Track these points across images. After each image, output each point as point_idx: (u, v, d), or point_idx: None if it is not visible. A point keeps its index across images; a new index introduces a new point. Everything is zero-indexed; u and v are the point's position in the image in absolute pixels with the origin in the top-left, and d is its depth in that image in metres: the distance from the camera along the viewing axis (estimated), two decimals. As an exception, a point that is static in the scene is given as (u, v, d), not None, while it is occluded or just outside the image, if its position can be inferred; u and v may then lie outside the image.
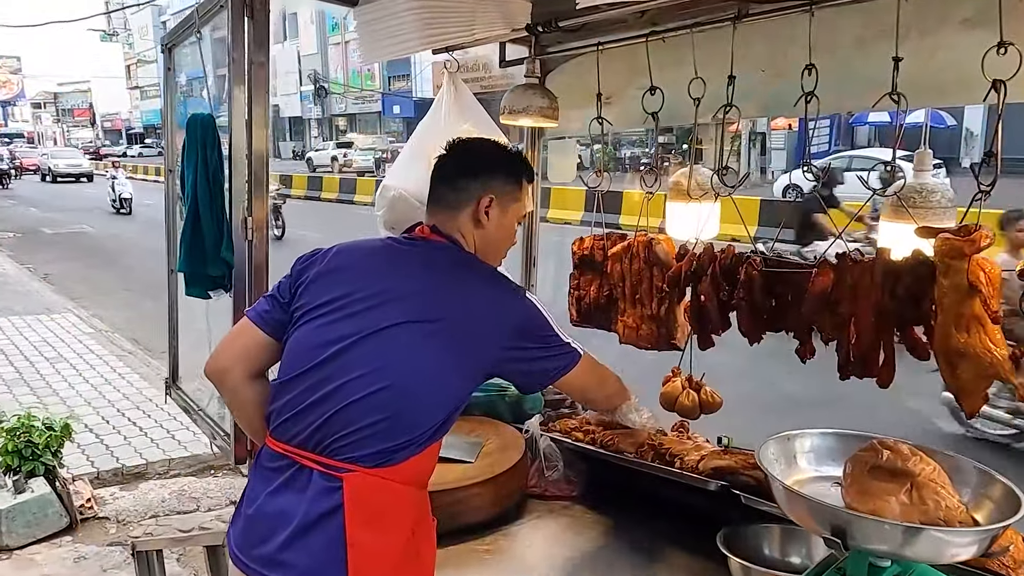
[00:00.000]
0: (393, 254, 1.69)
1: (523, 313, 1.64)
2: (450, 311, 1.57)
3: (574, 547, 1.94)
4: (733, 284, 2.04)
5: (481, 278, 1.67)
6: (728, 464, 1.85)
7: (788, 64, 2.11)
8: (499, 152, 1.83)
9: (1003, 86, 1.55)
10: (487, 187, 1.71)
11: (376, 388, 1.49)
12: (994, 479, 1.15)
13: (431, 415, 1.54)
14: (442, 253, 1.67)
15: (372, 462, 1.49)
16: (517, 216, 1.80)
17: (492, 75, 21.16)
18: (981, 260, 1.60)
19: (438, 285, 1.61)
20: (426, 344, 1.53)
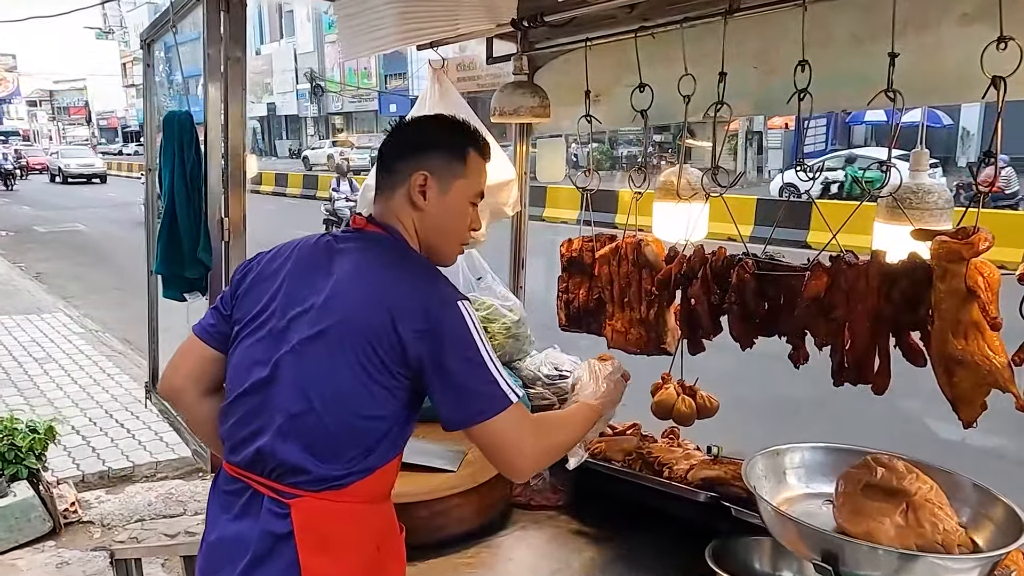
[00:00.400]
0: (322, 254, 1.51)
1: (451, 320, 1.38)
2: (360, 313, 1.38)
3: (559, 559, 1.88)
4: (724, 287, 1.98)
5: (407, 272, 1.45)
6: (718, 475, 1.79)
7: (780, 61, 2.05)
8: (437, 124, 1.64)
9: (1003, 83, 1.49)
10: (421, 164, 1.52)
11: (299, 412, 1.39)
12: (995, 499, 1.09)
13: (366, 434, 1.41)
14: (374, 247, 1.49)
15: (317, 487, 1.40)
16: (466, 195, 1.57)
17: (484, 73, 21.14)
18: (980, 264, 1.54)
19: (355, 286, 1.43)
20: (339, 356, 1.38)
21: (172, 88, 3.51)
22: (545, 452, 1.49)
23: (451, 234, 1.58)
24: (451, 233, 1.58)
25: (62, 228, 19.18)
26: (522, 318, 2.68)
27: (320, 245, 1.54)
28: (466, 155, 1.56)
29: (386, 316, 1.36)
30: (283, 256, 1.55)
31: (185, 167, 2.41)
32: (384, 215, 1.55)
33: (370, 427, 1.40)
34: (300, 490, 1.39)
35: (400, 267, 1.46)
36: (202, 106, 2.48)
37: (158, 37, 2.97)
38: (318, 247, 1.54)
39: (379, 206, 1.56)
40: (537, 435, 1.45)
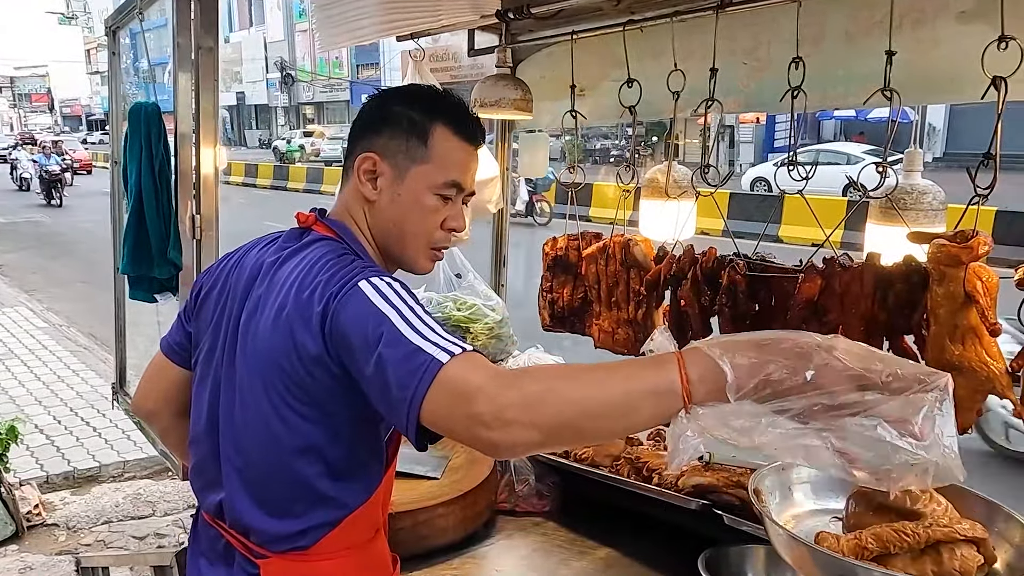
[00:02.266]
0: (261, 265, 1.26)
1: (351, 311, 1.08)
2: (268, 342, 1.15)
3: (546, 568, 1.82)
4: (715, 289, 1.93)
5: (306, 275, 1.16)
6: (710, 482, 1.74)
7: (772, 57, 2.01)
8: (398, 93, 1.31)
9: (1004, 83, 1.46)
10: (371, 144, 1.24)
11: (241, 466, 1.22)
12: (1012, 519, 1.05)
13: (314, 483, 1.19)
14: (307, 254, 1.21)
15: (281, 548, 1.22)
16: (429, 183, 1.24)
17: (462, 65, 20.94)
18: (978, 268, 1.51)
19: (269, 308, 1.17)
20: (258, 395, 1.16)
21: (138, 76, 3.38)
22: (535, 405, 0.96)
23: (409, 234, 1.27)
24: (409, 233, 1.27)
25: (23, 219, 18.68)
26: (504, 318, 2.62)
27: (262, 251, 1.30)
28: (429, 132, 1.24)
29: (289, 339, 1.12)
30: (232, 264, 1.32)
31: (153, 161, 2.31)
32: (337, 210, 1.30)
33: (312, 474, 1.19)
34: (266, 550, 1.23)
35: (307, 271, 1.16)
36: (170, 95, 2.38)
37: (124, 24, 2.84)
38: (260, 253, 1.29)
39: (337, 198, 1.32)
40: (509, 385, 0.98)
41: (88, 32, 63.93)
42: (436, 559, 1.81)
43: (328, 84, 42.48)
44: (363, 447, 1.23)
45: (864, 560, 0.99)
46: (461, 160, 1.28)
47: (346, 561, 1.26)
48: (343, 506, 1.23)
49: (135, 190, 2.32)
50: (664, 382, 0.92)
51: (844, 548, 1.00)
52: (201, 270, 2.11)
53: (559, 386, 0.98)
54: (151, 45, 2.80)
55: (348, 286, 1.09)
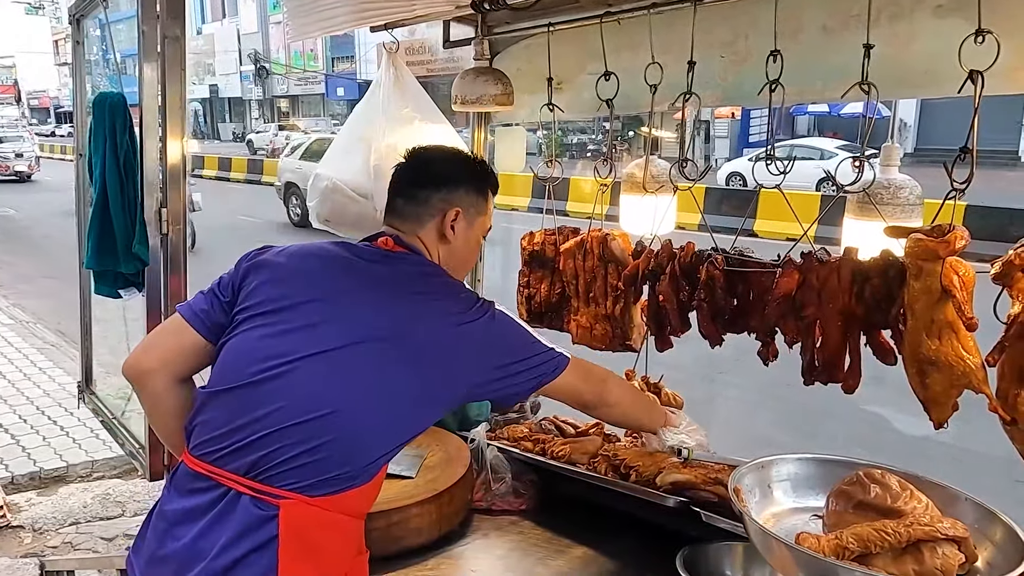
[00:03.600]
0: (352, 264, 1.51)
1: (498, 331, 1.49)
2: (414, 334, 1.41)
3: (523, 568, 1.80)
4: (693, 284, 1.92)
5: (449, 297, 1.50)
6: (688, 479, 1.73)
7: (750, 51, 2.00)
8: (464, 161, 1.71)
9: (980, 77, 1.45)
10: (452, 200, 1.59)
11: (318, 415, 1.34)
12: (993, 517, 1.04)
13: (379, 445, 1.40)
14: (407, 266, 1.52)
15: (313, 491, 1.34)
16: (483, 230, 1.68)
17: (437, 58, 20.79)
18: (955, 263, 1.51)
19: (400, 304, 1.45)
20: (381, 369, 1.38)
21: (108, 68, 3.30)
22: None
23: (468, 265, 1.69)
24: (468, 264, 1.69)
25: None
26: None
27: (351, 256, 1.53)
28: (487, 194, 1.66)
29: (458, 352, 1.42)
30: (304, 257, 1.52)
31: (118, 153, 2.24)
32: (410, 239, 1.58)
33: (389, 439, 1.40)
34: (293, 492, 1.33)
35: (447, 290, 1.52)
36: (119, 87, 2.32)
37: (89, 12, 2.76)
38: (349, 257, 1.52)
39: (404, 232, 1.58)
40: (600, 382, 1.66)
41: (56, 22, 62.58)
42: (411, 560, 1.78)
43: (303, 77, 42.02)
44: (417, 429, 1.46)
45: (845, 560, 0.97)
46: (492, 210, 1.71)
47: (352, 524, 1.43)
48: (378, 468, 1.41)
49: (100, 183, 2.25)
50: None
51: (825, 548, 0.98)
52: (169, 265, 2.05)
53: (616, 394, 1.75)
54: (121, 36, 2.73)
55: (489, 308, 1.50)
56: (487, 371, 1.46)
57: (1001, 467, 3.64)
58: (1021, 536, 1.01)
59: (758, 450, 1.57)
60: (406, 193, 1.60)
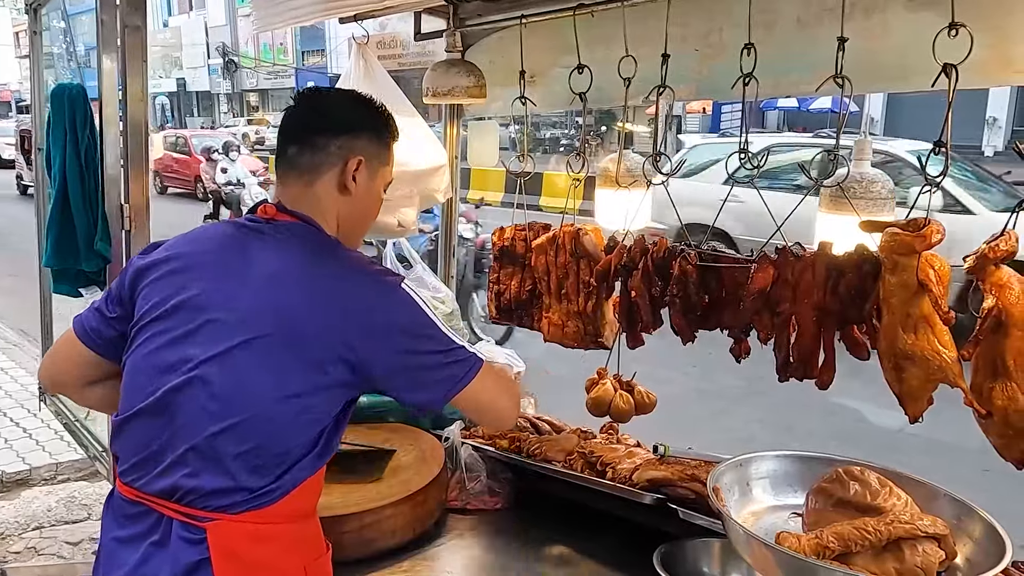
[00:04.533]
0: (237, 248, 1.37)
1: (402, 309, 1.33)
2: (300, 318, 1.28)
3: (499, 568, 1.78)
4: (666, 279, 1.90)
5: (341, 270, 1.36)
6: (664, 475, 1.71)
7: (724, 44, 1.99)
8: (365, 105, 1.52)
9: (954, 71, 1.45)
10: (354, 147, 1.43)
11: (220, 428, 1.26)
12: (972, 512, 1.04)
13: (293, 448, 1.30)
14: (296, 241, 1.36)
15: (236, 509, 1.27)
16: (386, 182, 1.53)
17: (409, 52, 20.61)
18: (931, 257, 1.51)
19: (284, 285, 1.31)
20: (274, 366, 1.27)
21: (72, 61, 3.20)
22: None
23: (368, 221, 1.54)
24: (369, 220, 1.54)
25: (-53, 210, 17.76)
26: (454, 310, 2.56)
27: (231, 236, 1.40)
28: (389, 142, 1.52)
29: (330, 319, 1.28)
30: (189, 248, 1.40)
31: (79, 147, 2.16)
32: (301, 201, 1.41)
33: (302, 437, 1.30)
34: (216, 513, 1.27)
35: (333, 263, 1.36)
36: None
37: (45, 1, 2.67)
38: (230, 238, 1.40)
39: (295, 189, 1.42)
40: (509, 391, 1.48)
41: (17, 14, 61.11)
42: (385, 562, 1.75)
43: (272, 71, 41.48)
44: (344, 425, 1.38)
45: (826, 559, 0.96)
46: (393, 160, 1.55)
47: (292, 530, 1.34)
48: (308, 469, 1.32)
49: (59, 178, 2.17)
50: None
51: (806, 548, 0.97)
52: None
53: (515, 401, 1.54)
54: (85, 28, 2.64)
55: (391, 289, 1.33)
56: (396, 353, 1.31)
57: (971, 457, 3.69)
58: (1000, 532, 1.01)
59: (735, 446, 1.57)
60: (300, 139, 1.43)
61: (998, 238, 1.44)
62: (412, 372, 1.33)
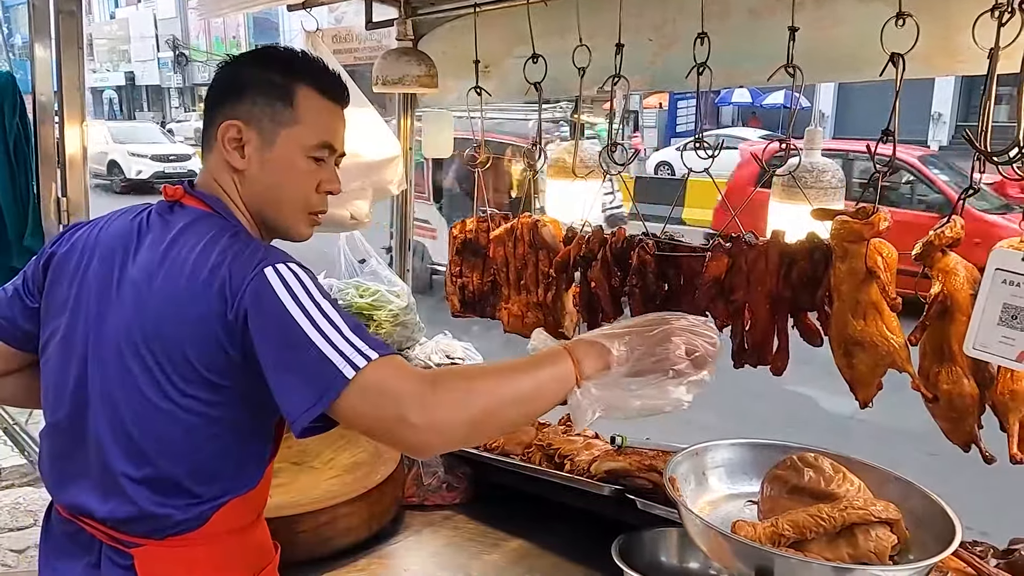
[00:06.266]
0: (129, 238, 1.20)
1: (254, 297, 1.06)
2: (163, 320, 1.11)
3: (457, 564, 1.75)
4: (625, 269, 1.90)
5: (205, 257, 1.12)
6: (622, 466, 1.71)
7: (678, 34, 1.99)
8: (255, 59, 1.27)
9: (901, 60, 1.47)
10: (233, 111, 1.20)
11: (119, 450, 1.14)
12: (923, 495, 1.05)
13: (207, 464, 1.16)
14: (187, 232, 1.16)
15: (159, 535, 1.16)
16: (301, 147, 1.22)
17: (364, 45, 20.36)
18: (879, 244, 1.53)
19: (156, 288, 1.12)
20: (150, 376, 1.11)
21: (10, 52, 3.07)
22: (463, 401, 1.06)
23: (287, 200, 1.24)
24: (287, 199, 1.24)
25: None
26: (410, 304, 2.52)
27: (127, 228, 1.22)
28: (294, 94, 1.21)
29: (188, 320, 1.09)
30: (90, 239, 1.24)
31: (7, 138, 2.07)
32: (205, 181, 1.24)
33: (205, 457, 1.16)
34: (140, 538, 1.16)
35: (202, 253, 1.12)
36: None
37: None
38: (125, 231, 1.22)
39: (203, 169, 1.27)
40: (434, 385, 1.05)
41: (-47, 4, 58.89)
42: (341, 561, 1.71)
43: (225, 64, 40.65)
44: (252, 429, 1.20)
45: (781, 547, 0.96)
46: (329, 121, 1.26)
47: (227, 546, 1.22)
48: (233, 487, 1.19)
49: (-12, 171, 2.08)
50: (561, 369, 1.12)
51: (761, 536, 0.97)
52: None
53: (479, 383, 1.11)
54: (25, 20, 2.53)
55: (248, 272, 1.08)
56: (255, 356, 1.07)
57: (918, 441, 3.79)
58: (950, 514, 1.03)
59: (692, 434, 1.57)
60: (205, 112, 1.26)
61: (944, 225, 1.47)
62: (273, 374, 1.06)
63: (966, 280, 1.44)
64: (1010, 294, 1.15)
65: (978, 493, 3.58)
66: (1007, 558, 1.42)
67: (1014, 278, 1.15)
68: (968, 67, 1.60)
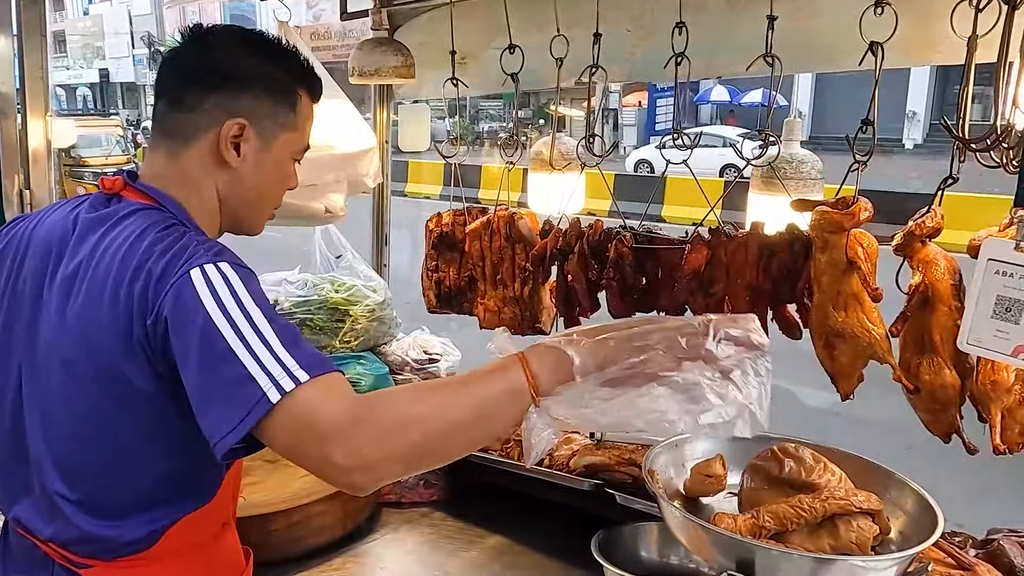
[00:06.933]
0: (59, 238, 1.11)
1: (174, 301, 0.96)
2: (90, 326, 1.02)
3: (435, 562, 1.72)
4: (602, 262, 1.88)
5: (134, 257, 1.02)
6: (602, 460, 1.69)
7: (657, 25, 1.97)
8: (257, 48, 1.17)
9: (880, 48, 1.46)
10: (235, 107, 1.12)
11: (52, 469, 1.07)
12: (904, 485, 1.04)
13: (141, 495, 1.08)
14: (126, 231, 1.05)
15: (107, 556, 1.08)
16: (292, 151, 1.20)
17: (344, 43, 20.23)
18: (859, 234, 1.52)
19: (87, 293, 1.03)
20: (79, 392, 1.04)
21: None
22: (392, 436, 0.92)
23: (268, 200, 1.22)
24: (268, 199, 1.22)
25: None
26: (387, 299, 2.48)
27: (64, 219, 1.13)
28: (297, 100, 1.17)
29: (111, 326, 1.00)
30: (29, 230, 1.16)
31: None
32: (163, 174, 1.13)
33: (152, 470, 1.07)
34: (89, 559, 1.09)
35: (129, 250, 1.02)
36: None
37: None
38: (62, 222, 1.13)
39: (159, 159, 1.13)
40: (362, 421, 0.91)
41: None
42: (315, 560, 1.68)
43: (201, 62, 40.25)
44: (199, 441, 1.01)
45: (762, 539, 0.94)
46: (311, 122, 1.24)
47: (189, 562, 1.14)
48: (182, 504, 1.10)
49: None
50: (512, 383, 0.95)
51: (742, 528, 0.95)
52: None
53: (413, 410, 0.95)
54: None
55: (170, 274, 0.98)
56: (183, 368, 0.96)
57: (894, 435, 3.81)
58: (932, 504, 1.02)
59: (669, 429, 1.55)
60: (170, 94, 1.13)
61: (924, 215, 1.46)
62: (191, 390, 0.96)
63: (946, 270, 1.43)
64: (1003, 285, 1.14)
65: (953, 485, 3.61)
66: (986, 548, 1.42)
67: (1007, 268, 1.14)
68: (946, 57, 1.59)
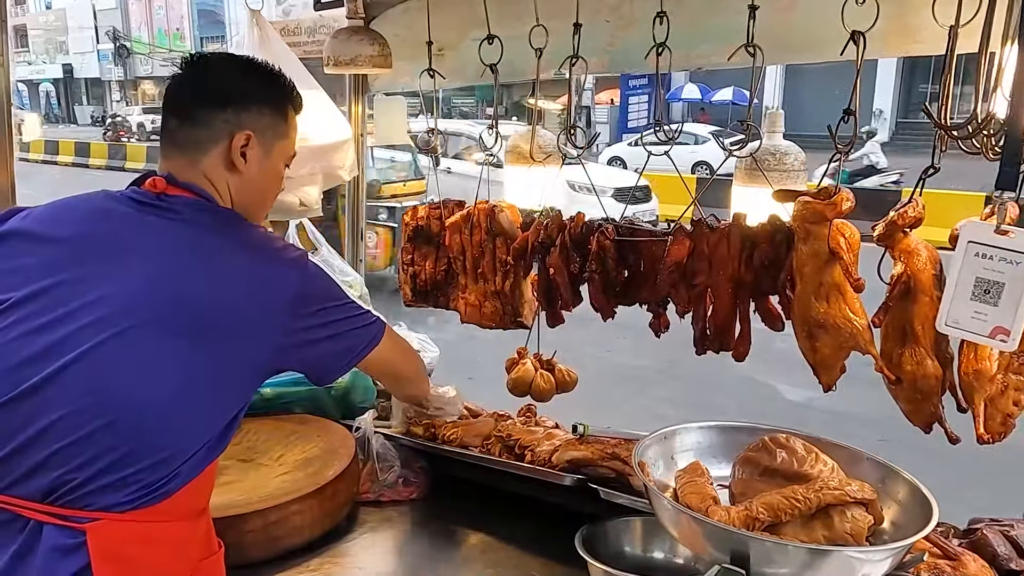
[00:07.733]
0: (120, 221, 1.27)
1: (302, 281, 1.31)
2: (200, 301, 1.21)
3: (415, 561, 1.70)
4: (584, 255, 1.86)
5: (243, 246, 1.31)
6: (584, 455, 1.67)
7: (636, 15, 1.96)
8: (256, 71, 1.44)
9: (862, 38, 1.45)
10: (242, 121, 1.35)
11: (105, 422, 1.14)
12: (896, 475, 1.03)
13: (187, 442, 1.21)
14: (191, 214, 1.28)
15: (123, 507, 1.16)
16: (285, 157, 1.46)
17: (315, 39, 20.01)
18: (841, 225, 1.51)
19: (181, 265, 1.23)
20: (167, 352, 1.18)
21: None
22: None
23: (268, 199, 1.47)
24: (268, 198, 1.47)
25: None
26: (363, 294, 2.44)
27: (114, 212, 1.28)
28: (287, 113, 1.44)
29: (254, 309, 1.24)
30: (55, 219, 1.28)
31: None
32: (187, 174, 1.33)
33: (197, 433, 1.22)
34: (100, 512, 1.15)
35: (240, 243, 1.31)
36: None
37: None
38: (112, 215, 1.28)
39: (180, 163, 1.34)
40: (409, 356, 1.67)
41: None
42: (292, 561, 1.64)
43: (169, 57, 39.56)
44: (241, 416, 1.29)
45: (756, 530, 0.93)
46: (295, 133, 1.48)
47: (181, 530, 1.25)
48: (200, 463, 1.23)
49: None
50: None
51: (735, 519, 0.93)
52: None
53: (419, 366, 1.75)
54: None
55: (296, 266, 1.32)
56: (296, 331, 1.28)
57: (869, 427, 3.85)
58: (926, 493, 1.01)
59: (651, 423, 1.54)
60: (182, 113, 1.35)
61: (905, 206, 1.46)
62: (321, 347, 1.33)
63: (928, 260, 1.43)
64: (982, 267, 1.14)
65: (929, 476, 3.64)
66: (968, 537, 1.42)
67: (986, 250, 1.14)
68: (925, 47, 1.60)
